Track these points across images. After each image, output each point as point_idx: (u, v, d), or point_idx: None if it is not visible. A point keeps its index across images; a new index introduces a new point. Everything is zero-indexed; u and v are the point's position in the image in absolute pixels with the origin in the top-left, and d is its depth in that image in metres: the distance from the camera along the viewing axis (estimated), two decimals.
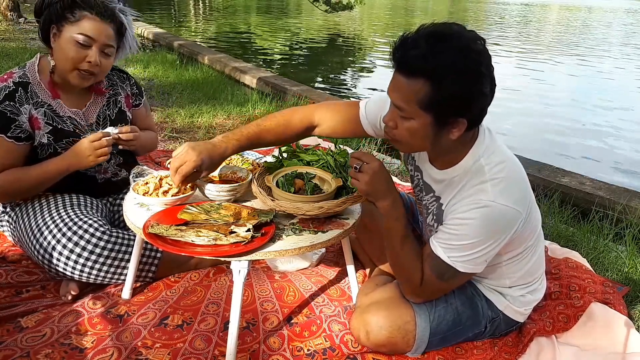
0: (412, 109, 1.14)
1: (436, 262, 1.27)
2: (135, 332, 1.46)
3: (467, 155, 1.26)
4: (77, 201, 1.66)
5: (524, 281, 1.44)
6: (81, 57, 1.54)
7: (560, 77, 8.06)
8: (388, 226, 1.32)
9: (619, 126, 5.35)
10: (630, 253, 2.16)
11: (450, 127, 1.17)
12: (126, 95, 1.82)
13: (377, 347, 1.42)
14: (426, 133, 1.18)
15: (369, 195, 1.28)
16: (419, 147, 1.29)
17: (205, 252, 1.21)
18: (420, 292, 1.34)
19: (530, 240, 1.36)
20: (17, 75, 1.58)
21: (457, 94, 1.11)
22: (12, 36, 7.05)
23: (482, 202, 1.20)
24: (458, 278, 1.29)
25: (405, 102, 1.14)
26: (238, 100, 4.41)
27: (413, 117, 1.16)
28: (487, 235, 1.22)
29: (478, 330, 1.46)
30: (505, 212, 1.20)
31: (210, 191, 1.45)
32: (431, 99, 1.11)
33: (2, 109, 1.52)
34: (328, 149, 1.61)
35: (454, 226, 1.24)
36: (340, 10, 10.62)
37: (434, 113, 1.14)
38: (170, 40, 7.61)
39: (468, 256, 1.24)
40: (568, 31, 16.23)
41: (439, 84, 1.10)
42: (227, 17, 14.59)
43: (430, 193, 1.39)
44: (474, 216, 1.20)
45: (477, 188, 1.22)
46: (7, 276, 1.67)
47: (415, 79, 1.11)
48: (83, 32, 1.52)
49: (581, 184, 2.77)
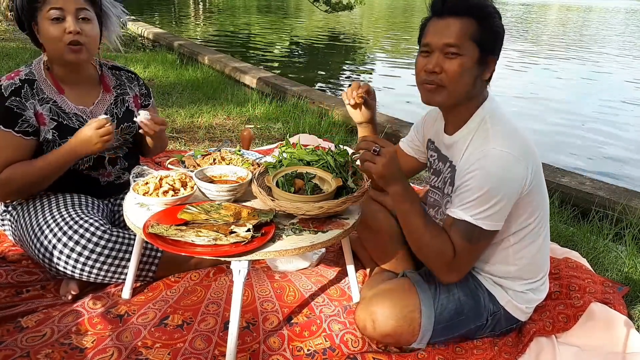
0: (465, 42, 1.27)
1: (461, 227, 1.30)
2: (135, 332, 1.46)
3: (475, 114, 1.36)
4: (79, 201, 1.66)
5: (529, 274, 1.45)
6: (61, 31, 1.54)
7: (560, 76, 8.05)
8: (405, 209, 1.33)
9: (619, 126, 5.35)
10: (630, 253, 2.16)
11: (485, 66, 1.31)
12: (134, 95, 1.83)
13: (383, 337, 1.43)
14: (472, 69, 1.29)
15: (384, 178, 1.29)
16: (463, 89, 1.31)
17: (205, 252, 1.21)
18: (455, 264, 1.33)
19: (538, 216, 1.39)
20: (24, 73, 1.61)
21: (495, 30, 1.30)
22: (12, 36, 7.04)
23: (484, 151, 1.28)
24: (485, 238, 1.32)
25: (459, 37, 1.26)
26: (238, 101, 4.42)
27: (464, 52, 1.27)
28: (495, 182, 1.25)
29: (480, 323, 1.47)
30: (507, 158, 1.26)
31: (210, 191, 1.45)
32: (480, 34, 1.27)
33: (9, 105, 1.54)
34: (328, 149, 1.61)
35: (465, 182, 1.30)
36: (340, 10, 10.63)
37: (480, 48, 1.28)
38: (170, 40, 7.61)
39: (487, 211, 1.27)
40: (568, 31, 16.23)
41: (484, 21, 1.27)
42: (227, 17, 14.59)
43: (447, 163, 1.45)
44: (480, 165, 1.27)
45: (482, 141, 1.31)
46: (7, 276, 1.67)
47: (465, 18, 1.27)
48: (51, 6, 1.53)
49: (581, 184, 2.77)
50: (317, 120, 3.83)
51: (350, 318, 1.58)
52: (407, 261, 1.74)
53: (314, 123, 3.75)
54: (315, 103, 4.40)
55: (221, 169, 1.58)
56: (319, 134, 3.52)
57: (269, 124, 3.85)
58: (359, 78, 7.39)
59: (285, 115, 4.02)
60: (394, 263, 1.73)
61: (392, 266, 1.74)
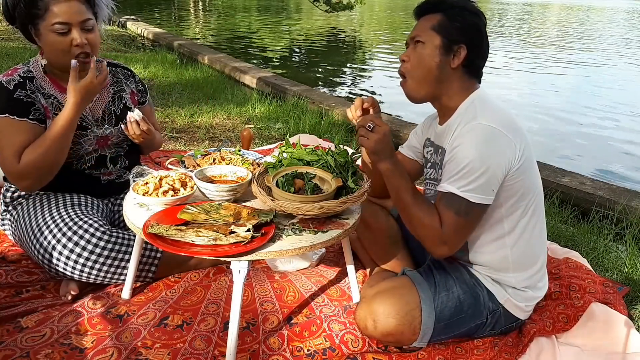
0: (425, 33, 1.38)
1: (448, 200, 1.33)
2: (135, 332, 1.46)
3: (464, 102, 1.42)
4: (78, 201, 1.66)
5: (525, 265, 1.45)
6: (67, 44, 1.54)
7: (560, 76, 8.05)
8: (396, 184, 1.39)
9: (619, 126, 5.35)
10: (631, 253, 2.16)
11: (453, 53, 1.38)
12: (131, 92, 1.83)
13: (384, 336, 1.42)
14: (434, 55, 1.37)
15: (376, 154, 1.36)
16: (425, 74, 1.40)
17: (205, 252, 1.21)
18: (445, 236, 1.34)
19: (530, 200, 1.40)
20: (22, 71, 1.61)
21: (462, 22, 1.37)
22: (12, 36, 7.04)
23: (470, 126, 1.33)
24: (473, 212, 1.33)
25: (422, 30, 1.40)
26: (238, 100, 4.42)
27: (425, 40, 1.38)
28: (479, 154, 1.29)
29: (480, 321, 1.47)
30: (492, 131, 1.30)
31: (210, 191, 1.45)
32: (441, 24, 1.38)
33: (17, 96, 1.54)
34: (328, 149, 1.61)
35: (451, 155, 1.35)
36: (340, 10, 10.61)
37: (442, 36, 1.37)
38: (170, 40, 7.62)
39: (472, 182, 1.29)
40: (568, 30, 16.22)
41: (449, 14, 1.38)
42: (227, 17, 14.59)
43: (439, 150, 1.49)
44: (464, 139, 1.32)
45: (470, 119, 1.36)
46: (7, 276, 1.67)
47: (431, 14, 1.40)
48: (56, 21, 1.51)
49: (581, 184, 2.77)
50: (317, 120, 3.83)
51: (350, 318, 1.58)
52: (407, 261, 1.74)
53: (314, 123, 3.75)
54: (315, 103, 4.40)
55: (221, 169, 1.58)
56: (319, 134, 3.52)
57: (269, 124, 3.85)
58: (359, 78, 7.39)
59: (285, 115, 4.02)
60: (394, 263, 1.73)
61: (392, 266, 1.74)
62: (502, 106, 1.40)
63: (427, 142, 1.60)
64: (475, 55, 1.40)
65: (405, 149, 1.72)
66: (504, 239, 1.42)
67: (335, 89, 6.43)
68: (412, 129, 1.73)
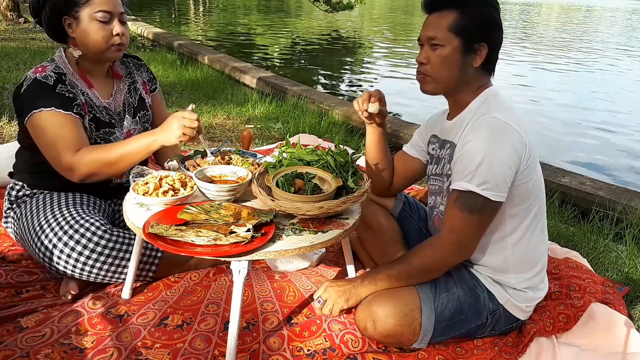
0: (443, 35, 1.34)
1: (463, 198, 1.32)
2: (135, 332, 1.46)
3: (477, 97, 1.41)
4: (80, 200, 1.66)
5: (526, 267, 1.45)
6: (108, 33, 1.57)
7: (559, 76, 8.05)
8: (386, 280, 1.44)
9: (619, 126, 5.35)
10: (631, 253, 2.16)
11: (474, 53, 1.36)
12: (143, 81, 1.85)
13: (383, 337, 1.43)
14: (455, 58, 1.36)
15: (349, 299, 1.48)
16: (447, 77, 1.39)
17: (205, 252, 1.21)
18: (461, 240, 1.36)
19: (534, 202, 1.41)
20: (51, 68, 1.60)
21: (479, 19, 1.35)
22: (12, 36, 7.05)
23: (482, 120, 1.34)
24: (487, 210, 1.33)
25: (438, 30, 1.35)
26: (238, 100, 4.42)
27: (444, 43, 1.34)
28: (491, 147, 1.29)
29: (480, 322, 1.47)
30: (504, 126, 1.31)
31: (210, 191, 1.45)
32: (458, 24, 1.34)
33: (59, 90, 1.55)
34: (328, 149, 1.61)
35: (464, 150, 1.34)
36: (340, 10, 10.63)
37: (461, 37, 1.34)
38: (170, 40, 7.62)
39: (490, 181, 1.29)
40: (568, 30, 16.23)
41: (464, 11, 1.33)
42: (227, 17, 14.59)
43: (446, 145, 1.49)
44: (477, 133, 1.32)
45: (483, 114, 1.36)
46: (7, 276, 1.67)
47: (445, 11, 1.35)
48: (100, 9, 1.55)
49: (581, 184, 2.77)
50: (317, 120, 3.83)
51: (350, 318, 1.58)
52: None
53: (314, 123, 3.75)
54: (315, 103, 4.40)
55: (221, 169, 1.58)
56: (319, 134, 3.52)
57: (268, 124, 3.85)
58: (359, 78, 7.39)
59: (285, 115, 4.02)
60: None
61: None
62: (512, 105, 1.41)
63: (432, 138, 1.61)
64: (495, 50, 1.39)
65: (408, 147, 1.73)
66: (506, 239, 1.42)
67: (335, 89, 6.43)
68: (412, 129, 1.74)
